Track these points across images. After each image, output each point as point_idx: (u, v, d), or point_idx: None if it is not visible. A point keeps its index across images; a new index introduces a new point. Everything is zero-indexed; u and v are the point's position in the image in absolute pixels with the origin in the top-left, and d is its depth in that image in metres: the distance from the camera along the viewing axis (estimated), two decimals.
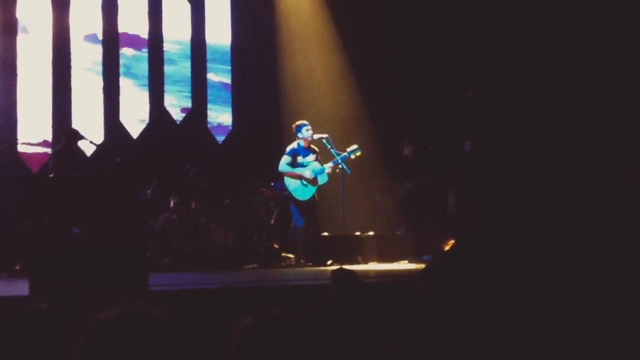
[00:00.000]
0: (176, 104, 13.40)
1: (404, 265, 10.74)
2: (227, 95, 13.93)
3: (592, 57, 11.16)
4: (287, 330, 2.34)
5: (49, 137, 11.80)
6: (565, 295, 2.41)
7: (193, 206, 11.34)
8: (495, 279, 2.20)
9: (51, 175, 10.11)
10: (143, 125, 12.93)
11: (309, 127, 10.85)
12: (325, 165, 10.83)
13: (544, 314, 2.29)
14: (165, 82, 13.26)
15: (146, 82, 13.06)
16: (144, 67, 13.08)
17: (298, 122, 11.00)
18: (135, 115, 12.90)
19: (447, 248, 10.27)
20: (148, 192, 11.13)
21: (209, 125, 13.68)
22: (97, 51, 12.57)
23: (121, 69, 12.80)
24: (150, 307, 2.10)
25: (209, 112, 13.69)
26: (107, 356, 2.00)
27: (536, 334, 2.23)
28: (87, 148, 11.67)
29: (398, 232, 11.87)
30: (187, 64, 13.55)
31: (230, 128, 13.84)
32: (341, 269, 5.14)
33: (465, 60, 12.32)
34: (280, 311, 2.40)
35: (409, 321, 2.29)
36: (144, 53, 13.10)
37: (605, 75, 10.97)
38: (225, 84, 13.94)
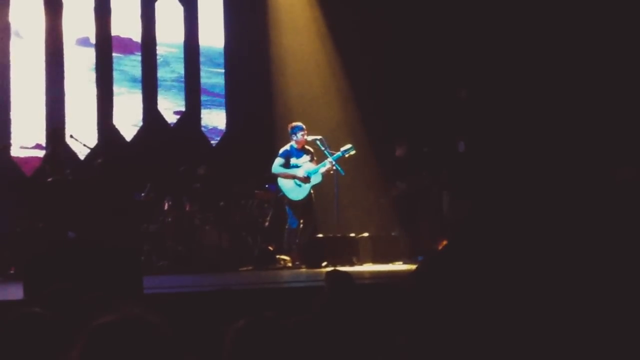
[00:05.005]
0: (170, 107, 13.39)
1: (399, 266, 10.74)
2: (221, 97, 13.93)
3: (584, 59, 11.19)
4: (280, 333, 2.34)
5: (42, 140, 11.78)
6: (556, 295, 2.42)
7: (187, 208, 11.33)
8: (487, 279, 2.21)
9: (45, 179, 10.11)
10: (137, 128, 12.92)
11: (305, 131, 10.85)
12: (318, 166, 10.84)
13: (535, 313, 2.29)
14: (158, 85, 13.25)
15: (139, 85, 13.05)
16: (137, 70, 13.06)
17: (294, 124, 11.00)
18: (128, 119, 12.88)
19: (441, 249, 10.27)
20: (142, 194, 11.12)
21: (202, 128, 13.67)
22: (90, 55, 12.55)
23: (114, 72, 12.79)
24: (149, 313, 2.10)
25: (202, 115, 13.68)
26: None
27: (527, 332, 2.24)
28: (81, 151, 11.66)
29: (393, 233, 11.87)
30: (181, 67, 13.54)
31: (224, 131, 13.83)
32: (335, 270, 5.15)
33: (460, 61, 12.33)
34: (273, 313, 2.41)
35: (403, 321, 2.30)
36: (137, 56, 13.09)
37: (598, 77, 11.00)
38: (218, 87, 13.93)
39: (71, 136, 10.92)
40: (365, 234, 11.73)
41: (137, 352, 2.01)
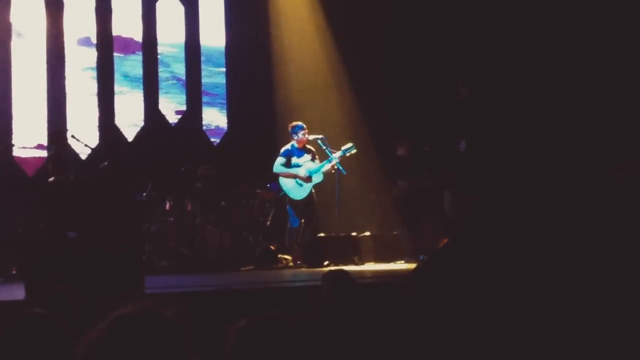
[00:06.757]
0: (171, 106, 13.39)
1: (400, 265, 10.74)
2: (222, 97, 13.93)
3: (586, 56, 11.18)
4: (282, 333, 2.34)
5: (44, 140, 11.78)
6: (558, 295, 2.41)
7: (189, 208, 11.34)
8: (487, 278, 2.20)
9: (47, 180, 10.11)
10: (138, 128, 12.92)
11: (305, 130, 10.88)
12: (320, 165, 10.85)
13: (537, 313, 2.29)
14: (159, 84, 13.25)
15: (141, 85, 13.06)
16: (138, 70, 13.07)
17: (294, 123, 11.02)
18: (130, 118, 12.89)
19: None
20: (143, 195, 11.13)
21: (204, 128, 13.68)
22: (91, 54, 12.56)
23: (115, 72, 12.80)
24: (165, 307, 2.17)
25: (203, 115, 13.69)
26: (124, 351, 2.05)
27: (528, 332, 2.23)
28: (82, 151, 11.67)
29: (394, 232, 11.86)
30: (182, 67, 13.55)
31: (226, 130, 13.83)
32: (333, 270, 5.14)
33: (461, 59, 12.32)
34: (275, 313, 2.41)
35: (403, 321, 2.30)
36: (138, 56, 13.09)
37: (599, 74, 10.99)
38: (220, 86, 13.93)
39: (72, 136, 10.93)
40: (367, 233, 11.73)
41: (156, 342, 2.08)
